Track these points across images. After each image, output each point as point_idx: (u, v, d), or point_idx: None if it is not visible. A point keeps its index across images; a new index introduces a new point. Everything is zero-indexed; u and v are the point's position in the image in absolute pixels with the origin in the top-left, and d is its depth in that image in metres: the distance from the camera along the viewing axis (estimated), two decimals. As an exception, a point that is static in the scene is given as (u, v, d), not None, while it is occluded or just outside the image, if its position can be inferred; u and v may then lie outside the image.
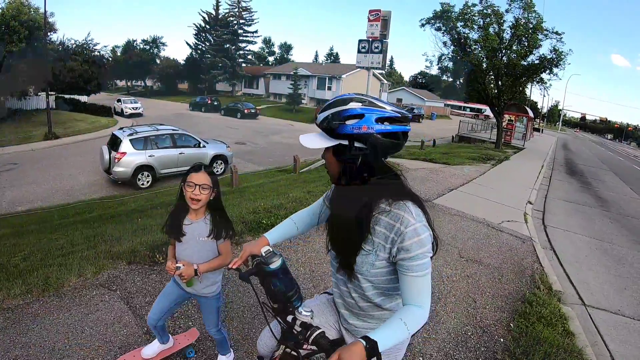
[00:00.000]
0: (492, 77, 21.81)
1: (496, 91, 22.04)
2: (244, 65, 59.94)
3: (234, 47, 57.16)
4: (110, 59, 53.33)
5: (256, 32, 60.42)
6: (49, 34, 26.79)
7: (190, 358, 3.01)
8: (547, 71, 20.10)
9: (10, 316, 3.31)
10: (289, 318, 1.59)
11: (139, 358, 2.83)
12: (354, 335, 1.73)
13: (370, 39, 8.92)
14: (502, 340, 3.57)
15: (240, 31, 58.39)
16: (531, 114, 32.43)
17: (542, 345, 3.39)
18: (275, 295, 1.61)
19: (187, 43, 62.16)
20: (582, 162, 24.39)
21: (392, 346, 1.35)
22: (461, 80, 22.71)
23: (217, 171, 14.59)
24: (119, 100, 35.74)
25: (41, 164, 16.53)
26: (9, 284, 3.75)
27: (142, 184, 12.80)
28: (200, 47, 61.31)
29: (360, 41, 9.01)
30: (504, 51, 20.42)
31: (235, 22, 58.24)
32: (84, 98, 35.61)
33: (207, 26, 60.30)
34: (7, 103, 28.07)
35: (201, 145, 14.35)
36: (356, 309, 1.68)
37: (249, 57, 62.17)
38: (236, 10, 57.81)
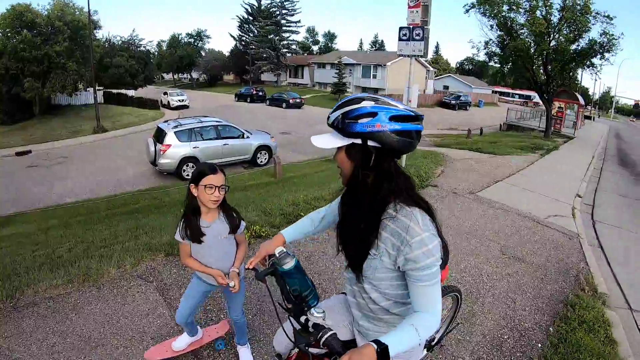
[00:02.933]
0: (540, 62, 20.76)
1: (545, 77, 21.03)
2: (288, 55, 60.09)
3: (277, 37, 57.31)
4: (156, 53, 54.86)
5: (299, 21, 60.40)
6: (94, 31, 27.85)
7: (220, 350, 3.02)
8: (599, 56, 18.88)
9: (51, 305, 3.45)
10: (302, 319, 1.59)
11: (169, 350, 2.88)
12: (365, 337, 1.73)
13: (411, 26, 8.63)
14: (539, 345, 3.38)
15: (283, 21, 58.52)
16: (582, 101, 30.72)
17: (582, 354, 3.18)
18: (289, 295, 1.63)
19: (231, 35, 63.15)
20: (635, 152, 22.82)
21: (403, 352, 1.33)
22: (508, 67, 21.76)
23: (261, 162, 14.80)
24: (165, 93, 36.82)
25: (89, 157, 17.31)
26: (52, 274, 3.89)
27: (187, 175, 13.02)
28: (244, 38, 62.01)
29: (401, 28, 8.73)
30: (552, 35, 19.35)
31: (277, 12, 58.41)
32: (131, 92, 36.99)
33: (251, 17, 60.88)
34: (57, 99, 29.57)
35: (245, 136, 14.52)
36: (366, 309, 1.67)
37: (293, 47, 62.21)
38: (278, 0, 57.95)
